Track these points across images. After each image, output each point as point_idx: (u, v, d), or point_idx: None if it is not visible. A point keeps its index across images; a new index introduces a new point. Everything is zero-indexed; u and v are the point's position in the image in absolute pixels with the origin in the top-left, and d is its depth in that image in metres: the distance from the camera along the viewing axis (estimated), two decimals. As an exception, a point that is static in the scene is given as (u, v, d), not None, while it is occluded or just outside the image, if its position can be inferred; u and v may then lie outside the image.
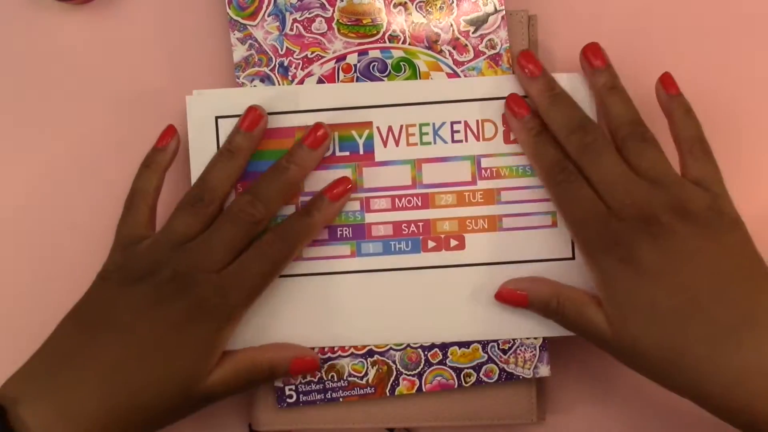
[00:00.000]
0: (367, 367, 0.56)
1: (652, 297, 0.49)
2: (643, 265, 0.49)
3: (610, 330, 0.50)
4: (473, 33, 0.57)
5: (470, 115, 0.56)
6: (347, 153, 0.56)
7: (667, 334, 0.48)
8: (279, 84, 0.57)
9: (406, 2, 0.57)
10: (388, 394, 0.56)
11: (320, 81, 0.57)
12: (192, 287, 0.51)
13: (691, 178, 0.52)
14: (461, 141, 0.56)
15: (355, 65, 0.57)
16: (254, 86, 0.57)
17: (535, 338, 0.56)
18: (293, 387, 0.56)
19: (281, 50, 0.58)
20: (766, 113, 0.60)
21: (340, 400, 0.56)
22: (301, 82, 0.57)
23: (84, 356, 0.50)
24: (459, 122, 0.56)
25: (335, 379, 0.56)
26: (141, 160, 0.57)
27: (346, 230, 0.56)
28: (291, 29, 0.58)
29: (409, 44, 0.57)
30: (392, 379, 0.56)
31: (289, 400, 0.56)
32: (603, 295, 0.51)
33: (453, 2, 0.57)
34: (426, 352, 0.56)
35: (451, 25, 0.57)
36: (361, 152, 0.56)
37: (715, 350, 0.47)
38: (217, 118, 0.56)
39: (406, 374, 0.56)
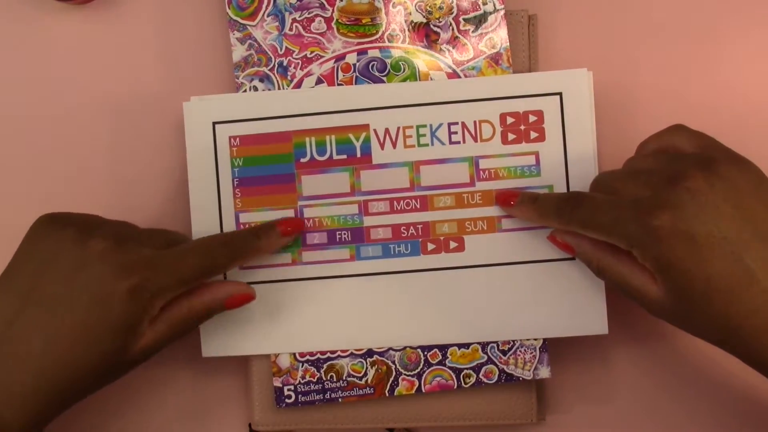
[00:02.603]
0: (367, 368, 0.57)
1: (707, 266, 0.46)
2: (688, 217, 0.46)
3: (664, 301, 0.48)
4: (473, 32, 0.57)
5: (467, 116, 0.56)
6: (344, 156, 0.56)
7: (724, 305, 0.46)
8: (278, 84, 0.57)
9: (405, 1, 0.57)
10: (387, 394, 0.57)
11: (319, 81, 0.57)
12: (122, 255, 0.50)
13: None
14: (459, 142, 0.56)
15: (354, 65, 0.57)
16: (253, 87, 0.57)
17: (535, 339, 0.56)
18: (292, 387, 0.57)
19: (280, 50, 0.57)
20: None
21: (339, 400, 0.57)
22: (301, 81, 0.57)
23: (16, 329, 0.49)
24: (456, 123, 0.56)
25: (334, 380, 0.57)
26: (140, 160, 0.57)
27: (344, 234, 0.56)
28: (290, 29, 0.57)
29: (409, 44, 0.57)
30: (391, 379, 0.57)
31: (287, 401, 0.57)
32: (660, 278, 0.48)
33: (452, 1, 0.57)
34: (425, 353, 0.56)
35: (451, 24, 0.57)
36: (359, 155, 0.56)
37: None
38: (214, 123, 0.56)
39: (405, 374, 0.57)
